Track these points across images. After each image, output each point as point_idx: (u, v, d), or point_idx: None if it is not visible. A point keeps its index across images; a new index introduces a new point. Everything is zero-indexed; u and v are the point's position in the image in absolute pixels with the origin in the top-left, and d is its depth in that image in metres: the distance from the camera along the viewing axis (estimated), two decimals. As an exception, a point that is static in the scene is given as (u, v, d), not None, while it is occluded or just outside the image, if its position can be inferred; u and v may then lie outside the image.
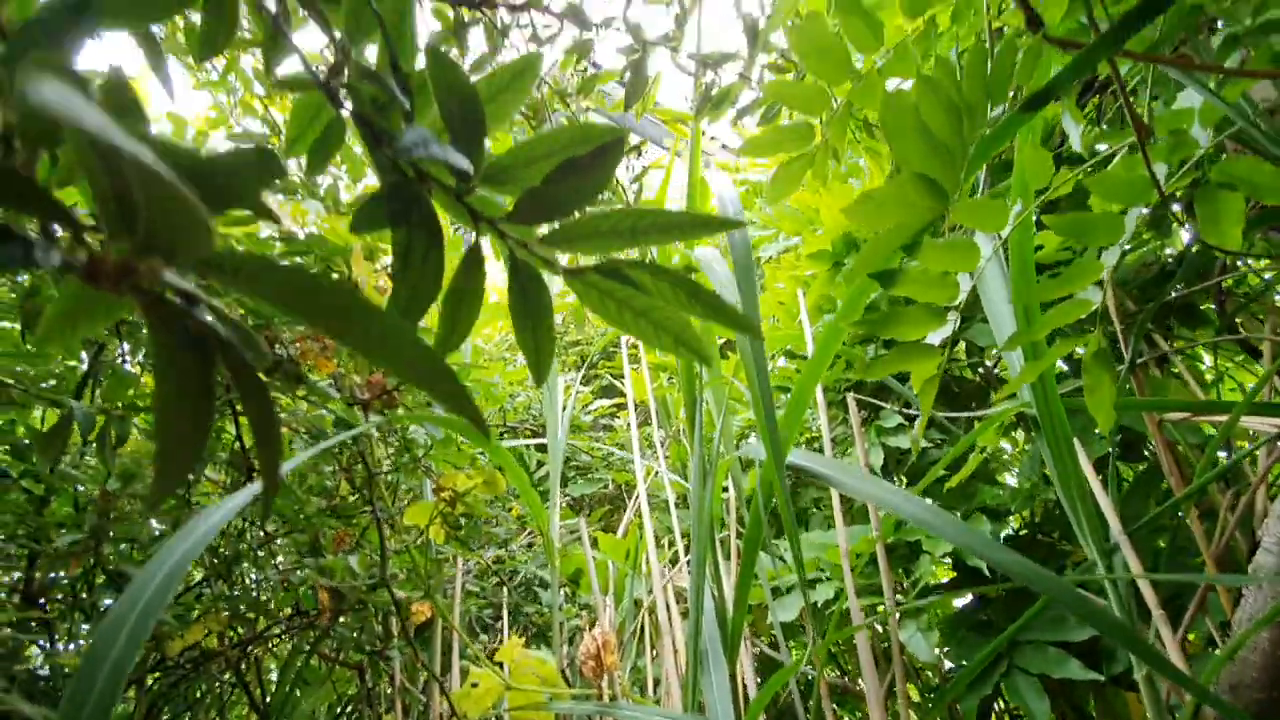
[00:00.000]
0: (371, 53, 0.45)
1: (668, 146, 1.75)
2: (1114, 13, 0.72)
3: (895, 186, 0.59)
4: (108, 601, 1.61)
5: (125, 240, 0.23)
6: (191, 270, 0.23)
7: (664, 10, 0.97)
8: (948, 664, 1.62)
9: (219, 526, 0.79)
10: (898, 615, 1.27)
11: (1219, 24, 0.82)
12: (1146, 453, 1.54)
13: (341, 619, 1.78)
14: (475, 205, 0.40)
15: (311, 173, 0.50)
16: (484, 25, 0.97)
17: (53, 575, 1.46)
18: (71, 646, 1.49)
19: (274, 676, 2.37)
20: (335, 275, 1.13)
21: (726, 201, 1.02)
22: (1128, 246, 0.90)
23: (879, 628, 1.45)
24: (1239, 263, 1.36)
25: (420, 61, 0.41)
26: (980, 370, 1.76)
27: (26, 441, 1.44)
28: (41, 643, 1.58)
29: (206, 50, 0.52)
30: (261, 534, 1.53)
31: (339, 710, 2.32)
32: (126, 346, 1.33)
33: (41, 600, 1.55)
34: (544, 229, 0.42)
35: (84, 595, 1.64)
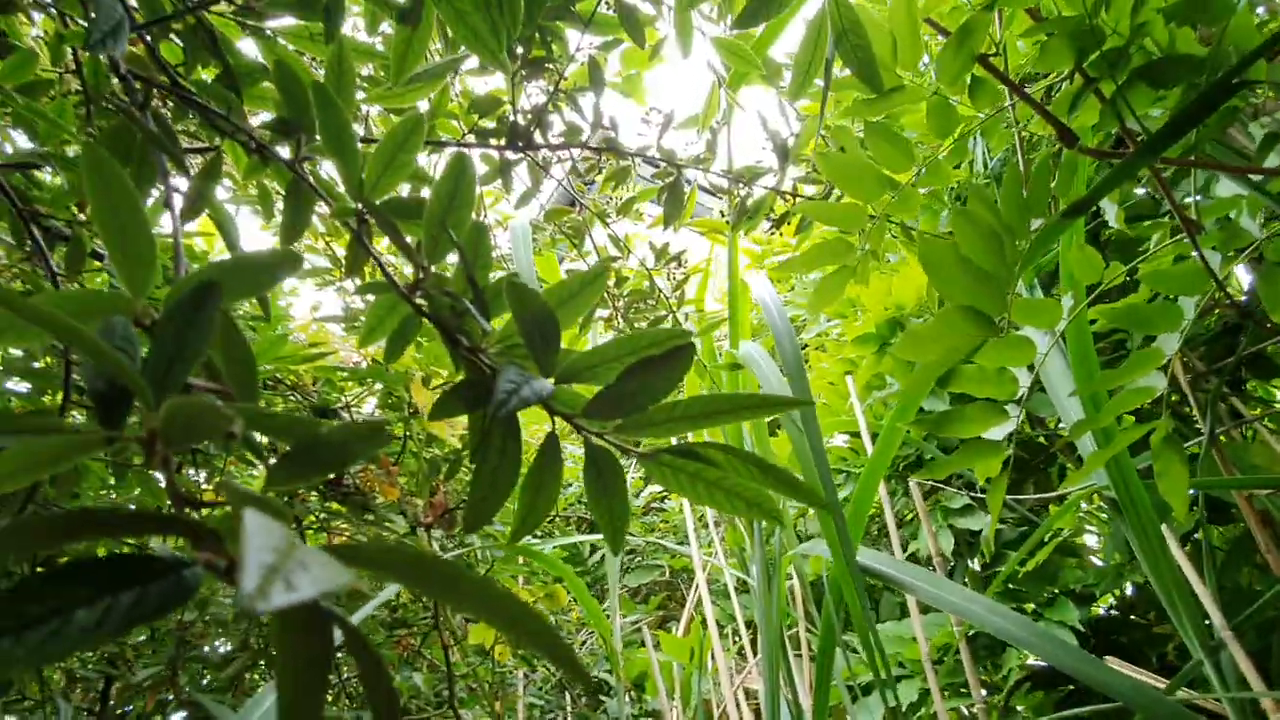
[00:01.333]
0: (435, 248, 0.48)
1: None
2: (1144, 116, 0.73)
3: (940, 322, 0.60)
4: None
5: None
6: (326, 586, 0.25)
7: (695, 135, 1.02)
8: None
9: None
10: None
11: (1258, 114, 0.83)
12: (1235, 511, 1.45)
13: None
14: (552, 402, 0.42)
15: (389, 361, 0.53)
16: (528, 163, 1.04)
17: (128, 707, 1.49)
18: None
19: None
20: (396, 399, 1.18)
21: (768, 303, 1.04)
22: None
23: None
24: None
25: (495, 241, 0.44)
26: (1044, 436, 1.70)
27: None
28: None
29: (286, 241, 0.57)
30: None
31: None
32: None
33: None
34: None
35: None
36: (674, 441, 0.43)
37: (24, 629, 0.19)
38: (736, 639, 1.71)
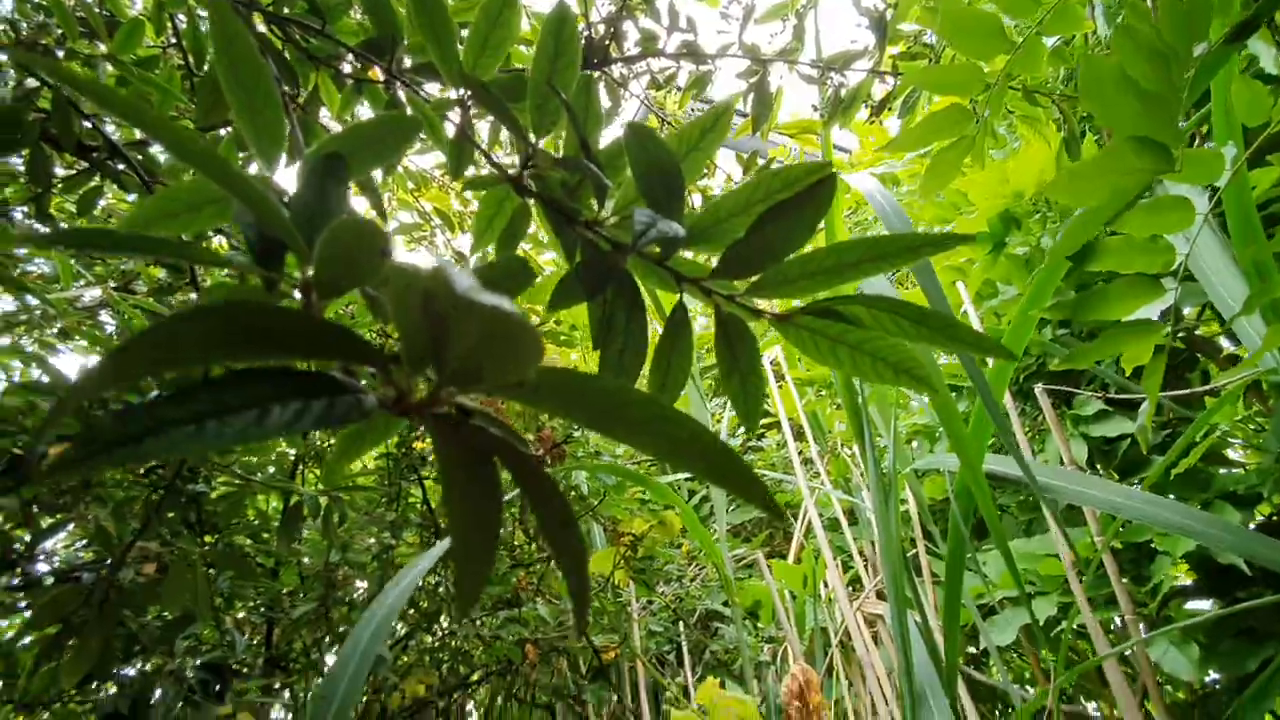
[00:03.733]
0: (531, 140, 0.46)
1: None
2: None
3: (1109, 154, 0.52)
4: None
5: (424, 371, 0.25)
6: (495, 391, 0.24)
7: (780, 25, 0.95)
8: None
9: (411, 588, 0.83)
10: (1143, 629, 1.11)
11: None
12: None
13: (535, 665, 1.85)
14: (676, 267, 0.40)
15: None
16: (605, 82, 1.00)
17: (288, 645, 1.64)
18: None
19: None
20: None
21: (872, 191, 0.96)
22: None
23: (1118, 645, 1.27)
24: None
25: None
26: (1183, 336, 1.53)
27: (255, 522, 1.64)
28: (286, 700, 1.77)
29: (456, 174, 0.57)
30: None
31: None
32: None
33: (281, 663, 1.75)
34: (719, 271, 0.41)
35: (315, 656, 1.83)
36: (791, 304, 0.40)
37: (225, 414, 0.19)
38: (850, 566, 1.68)
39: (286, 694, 1.80)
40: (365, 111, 0.76)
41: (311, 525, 1.51)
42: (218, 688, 1.46)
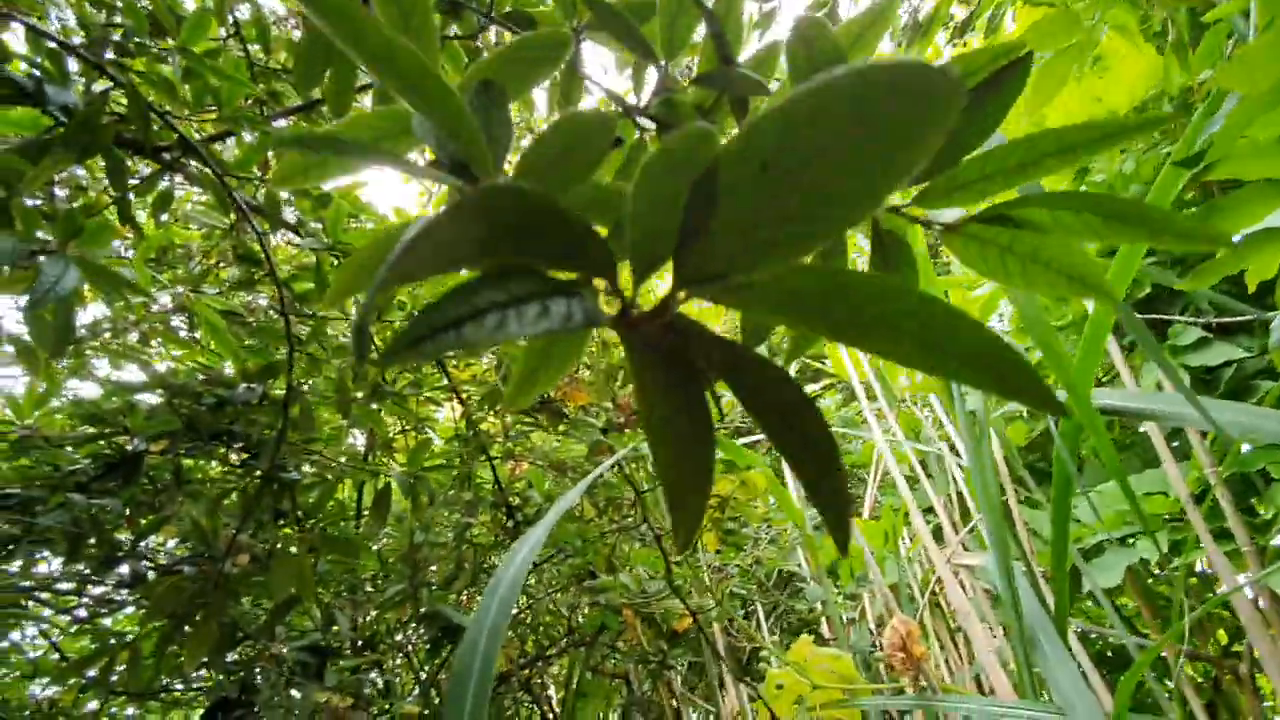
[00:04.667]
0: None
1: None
2: None
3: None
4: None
5: (653, 274, 0.23)
6: (705, 294, 0.22)
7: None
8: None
9: (539, 545, 0.82)
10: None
11: None
12: None
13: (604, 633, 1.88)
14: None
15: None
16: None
17: (362, 629, 1.69)
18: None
19: (550, 692, 2.57)
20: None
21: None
22: None
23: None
24: None
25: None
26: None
27: (334, 511, 1.68)
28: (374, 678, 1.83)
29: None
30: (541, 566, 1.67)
31: (616, 717, 2.46)
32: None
33: (369, 644, 1.80)
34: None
35: (400, 636, 1.88)
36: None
37: (478, 315, 0.17)
38: (930, 520, 1.64)
39: (375, 674, 1.85)
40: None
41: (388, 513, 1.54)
42: (317, 669, 1.51)
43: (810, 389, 2.30)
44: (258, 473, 1.10)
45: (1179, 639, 0.88)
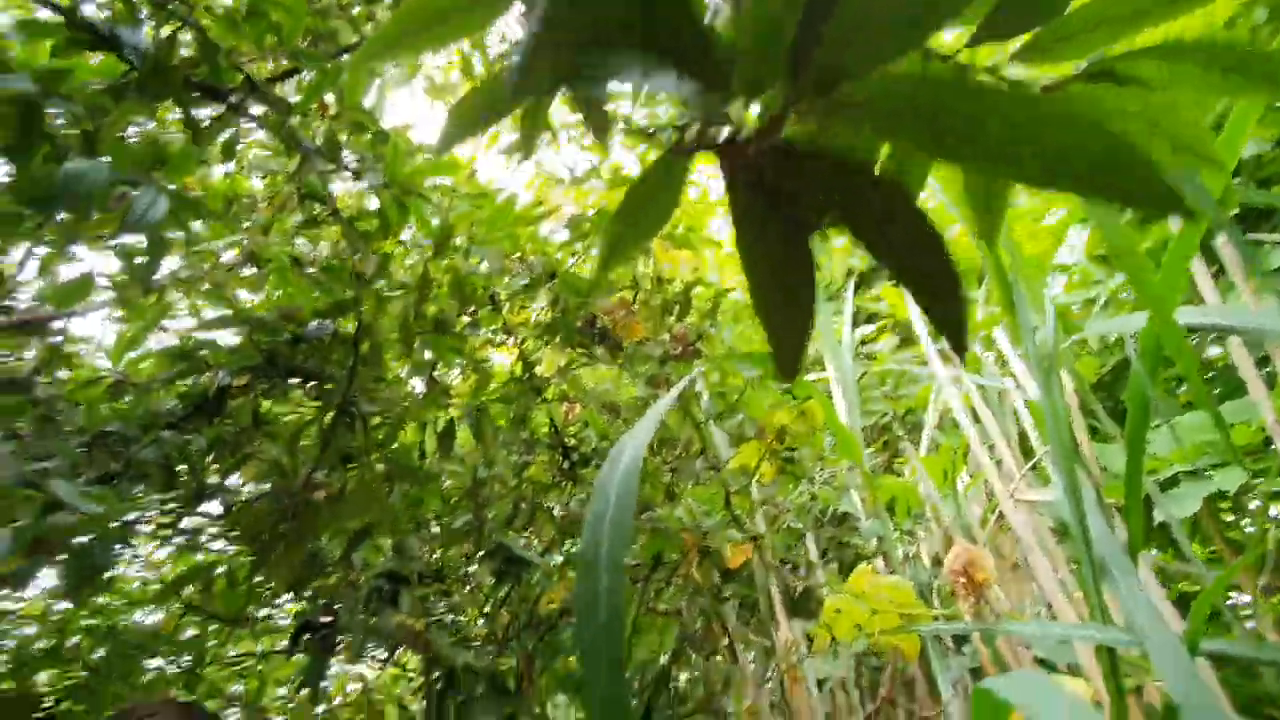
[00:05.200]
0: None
1: None
2: None
3: None
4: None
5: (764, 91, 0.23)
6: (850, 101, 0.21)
7: None
8: None
9: (657, 423, 0.76)
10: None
11: None
12: None
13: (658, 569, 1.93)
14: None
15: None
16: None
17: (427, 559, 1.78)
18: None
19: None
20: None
21: None
22: None
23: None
24: None
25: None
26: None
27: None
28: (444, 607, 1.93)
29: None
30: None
31: (670, 654, 2.54)
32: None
33: (438, 575, 1.90)
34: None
35: (468, 570, 1.97)
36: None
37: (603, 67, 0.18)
38: (992, 457, 1.61)
39: (444, 604, 1.95)
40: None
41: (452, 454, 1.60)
42: (392, 595, 1.60)
43: (863, 332, 2.26)
44: (331, 409, 1.16)
45: (1257, 565, 0.85)
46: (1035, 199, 1.92)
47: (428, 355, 1.28)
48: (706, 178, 1.40)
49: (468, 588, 2.03)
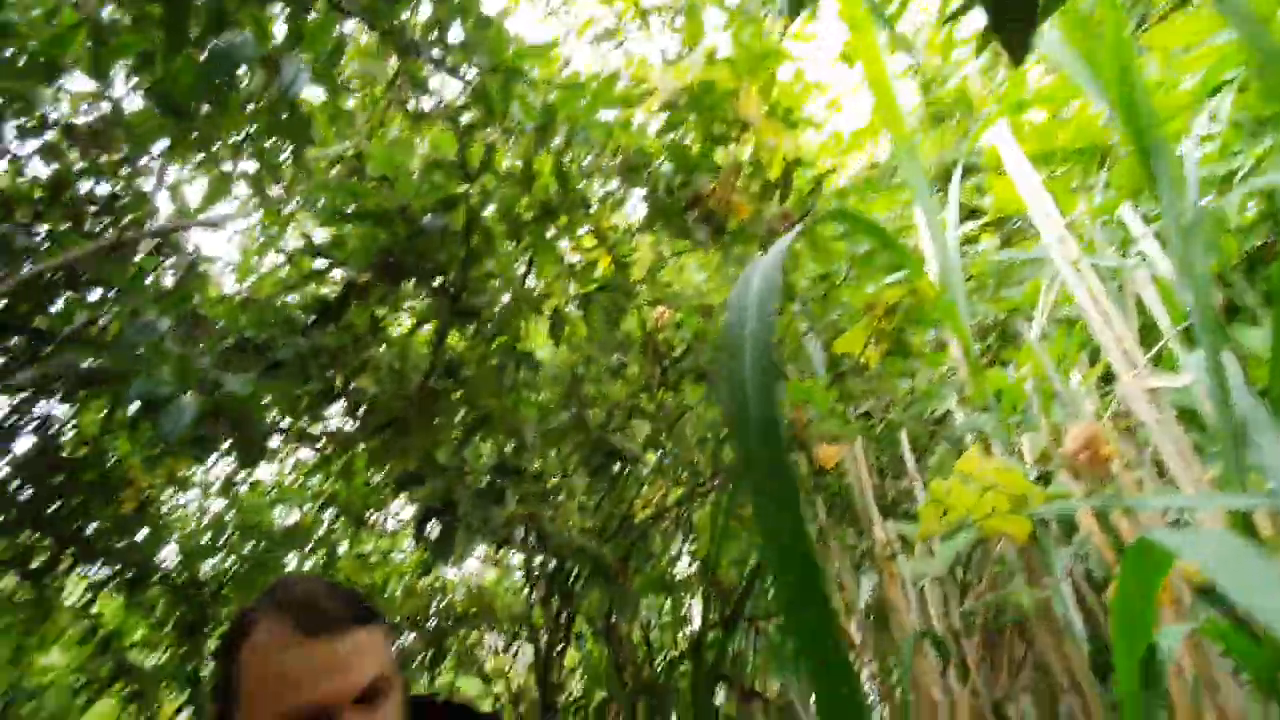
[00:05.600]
0: None
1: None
2: None
3: None
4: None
5: None
6: None
7: None
8: None
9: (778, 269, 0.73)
10: None
11: None
12: None
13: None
14: None
15: None
16: None
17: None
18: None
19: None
20: None
21: None
22: None
23: None
24: None
25: None
26: None
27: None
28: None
29: None
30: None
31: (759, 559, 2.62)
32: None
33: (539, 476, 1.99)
34: None
35: (565, 471, 2.06)
36: None
37: None
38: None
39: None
40: None
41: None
42: (502, 490, 1.72)
43: (968, 229, 2.14)
44: (446, 303, 1.22)
45: None
46: (1169, 69, 1.72)
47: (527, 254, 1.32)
48: (804, 59, 1.33)
49: (563, 493, 2.13)
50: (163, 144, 1.16)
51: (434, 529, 1.73)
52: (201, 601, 2.42)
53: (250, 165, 1.06)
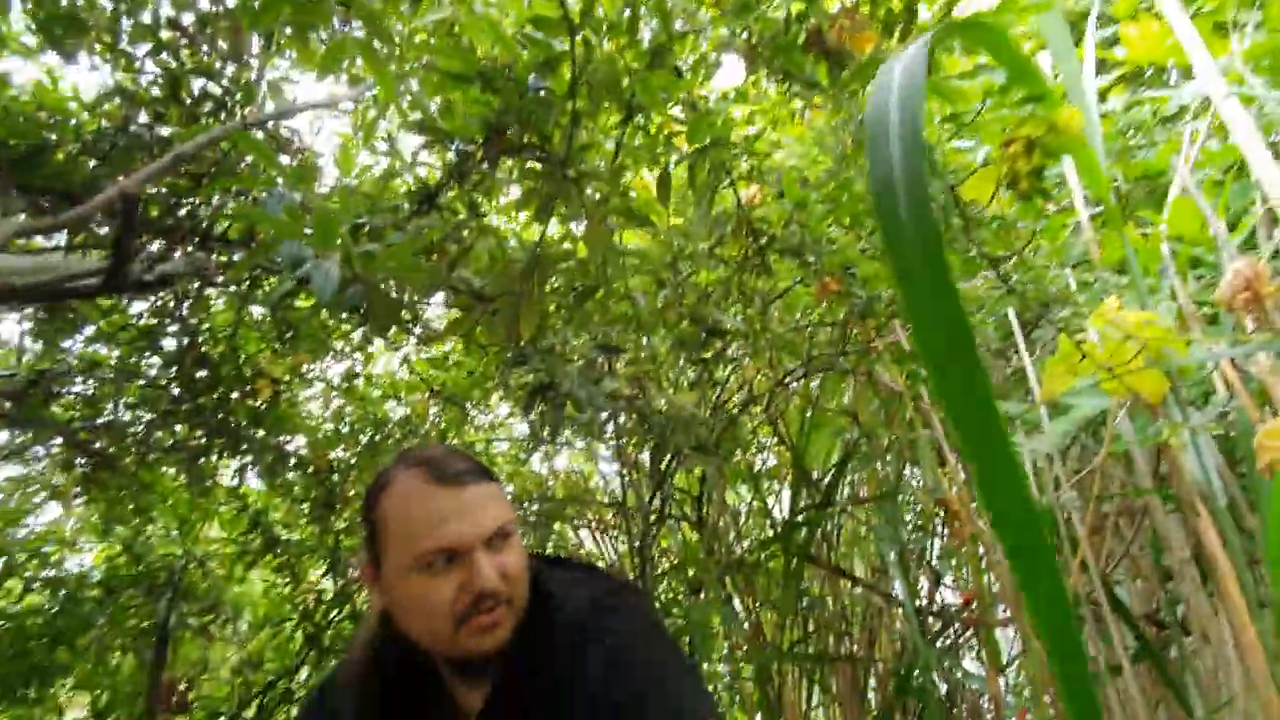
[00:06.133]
0: None
1: None
2: None
3: None
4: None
5: None
6: None
7: None
8: None
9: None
10: None
11: None
12: None
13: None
14: None
15: None
16: None
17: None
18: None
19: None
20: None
21: None
22: None
23: None
24: None
25: None
26: None
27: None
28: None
29: None
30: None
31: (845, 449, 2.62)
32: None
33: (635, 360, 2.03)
34: None
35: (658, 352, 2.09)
36: None
37: None
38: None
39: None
40: None
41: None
42: (605, 368, 1.77)
43: (1101, 83, 1.92)
44: (552, 172, 1.22)
45: None
46: None
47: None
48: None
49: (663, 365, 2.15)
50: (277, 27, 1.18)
51: (538, 411, 1.80)
52: (330, 486, 2.67)
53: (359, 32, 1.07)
